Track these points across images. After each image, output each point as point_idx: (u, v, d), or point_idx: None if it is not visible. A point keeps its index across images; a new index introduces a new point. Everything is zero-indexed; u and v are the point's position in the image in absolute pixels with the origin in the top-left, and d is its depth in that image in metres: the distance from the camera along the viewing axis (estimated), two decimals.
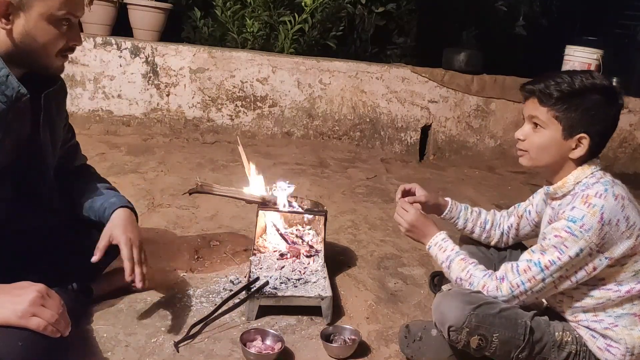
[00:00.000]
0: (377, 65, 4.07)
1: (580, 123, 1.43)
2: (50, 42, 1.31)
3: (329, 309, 1.77)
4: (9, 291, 1.17)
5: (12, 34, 1.26)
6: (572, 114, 1.43)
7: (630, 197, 1.44)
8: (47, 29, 1.29)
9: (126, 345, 1.55)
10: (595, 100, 1.42)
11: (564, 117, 1.43)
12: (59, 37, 1.32)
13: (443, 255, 1.62)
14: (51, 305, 1.18)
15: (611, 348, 1.46)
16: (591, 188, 1.42)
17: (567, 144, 1.45)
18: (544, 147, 1.48)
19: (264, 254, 2.02)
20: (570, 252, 1.38)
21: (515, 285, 1.46)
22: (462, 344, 1.45)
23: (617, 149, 4.29)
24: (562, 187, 1.49)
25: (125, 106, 3.76)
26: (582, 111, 1.42)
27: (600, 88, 1.43)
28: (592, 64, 4.23)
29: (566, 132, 1.44)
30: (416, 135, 4.14)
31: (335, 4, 4.17)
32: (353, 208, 2.89)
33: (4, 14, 1.24)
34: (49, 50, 1.33)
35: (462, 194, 3.41)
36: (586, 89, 1.42)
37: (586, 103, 1.42)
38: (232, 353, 1.58)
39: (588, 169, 1.46)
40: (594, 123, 1.43)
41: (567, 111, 1.43)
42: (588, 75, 1.45)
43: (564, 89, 1.43)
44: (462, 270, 1.56)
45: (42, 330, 1.14)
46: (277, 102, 3.93)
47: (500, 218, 1.85)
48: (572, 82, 1.43)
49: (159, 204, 2.60)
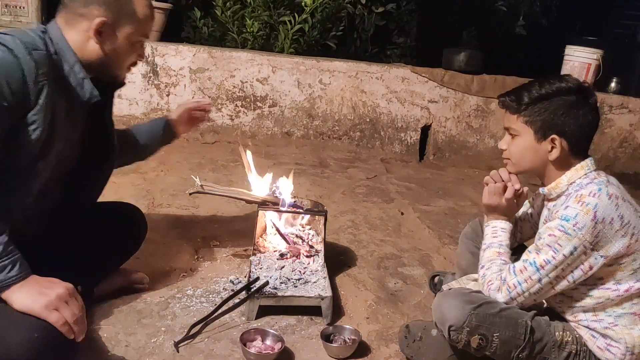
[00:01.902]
0: (377, 65, 4.07)
1: (550, 125, 1.46)
2: (128, 57, 1.50)
3: (329, 309, 1.77)
4: (41, 282, 1.24)
5: (99, 48, 1.42)
6: (541, 117, 1.46)
7: (625, 196, 1.44)
8: (128, 48, 1.47)
9: (126, 345, 1.55)
10: (563, 101, 1.45)
11: (533, 122, 1.47)
12: (133, 54, 1.51)
13: (489, 240, 1.63)
14: (74, 305, 1.23)
15: (611, 347, 1.46)
16: (585, 188, 1.43)
17: (543, 147, 1.48)
18: (521, 153, 1.53)
19: (264, 254, 2.02)
20: (564, 251, 1.39)
21: (512, 286, 1.47)
22: (462, 344, 1.46)
23: (617, 149, 4.29)
24: (556, 188, 1.50)
25: (125, 106, 3.76)
26: (550, 113, 1.45)
27: (568, 89, 1.46)
28: (592, 64, 4.24)
29: (538, 135, 1.48)
30: (416, 135, 4.14)
31: (335, 4, 4.17)
32: (353, 208, 2.89)
33: (98, 31, 1.39)
34: (124, 64, 1.51)
35: (462, 193, 3.42)
36: (552, 92, 1.46)
37: (553, 105, 1.45)
38: (232, 353, 1.58)
39: (581, 169, 1.47)
40: (565, 123, 1.45)
41: (536, 115, 1.47)
42: (557, 79, 1.49)
43: (530, 95, 1.48)
44: (488, 260, 1.57)
45: (59, 326, 1.19)
46: (277, 102, 3.93)
47: None
48: (538, 88, 1.48)
49: (159, 204, 2.60)
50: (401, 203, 3.08)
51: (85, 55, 1.41)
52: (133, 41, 1.47)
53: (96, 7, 1.38)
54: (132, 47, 1.48)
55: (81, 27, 1.39)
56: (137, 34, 1.47)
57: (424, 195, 3.28)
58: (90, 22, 1.38)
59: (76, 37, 1.40)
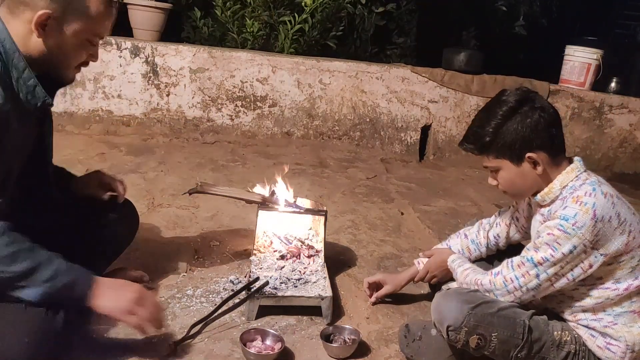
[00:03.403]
0: (377, 65, 4.07)
1: (518, 148, 1.45)
2: (75, 56, 1.37)
3: (329, 309, 1.77)
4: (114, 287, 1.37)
5: (42, 43, 1.29)
6: (506, 146, 1.46)
7: (617, 194, 1.46)
8: (76, 46, 1.34)
9: (126, 345, 1.55)
10: (516, 121, 1.45)
11: (502, 154, 1.48)
12: (83, 53, 1.38)
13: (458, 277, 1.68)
14: (149, 304, 1.39)
15: (611, 346, 1.46)
16: (579, 189, 1.43)
17: (526, 168, 1.47)
18: (511, 183, 1.52)
19: (264, 254, 2.02)
20: (564, 250, 1.39)
21: (509, 280, 1.47)
22: (461, 344, 1.46)
23: (617, 149, 4.29)
24: (549, 194, 1.49)
25: (125, 106, 3.76)
26: (512, 137, 1.45)
27: (512, 108, 1.45)
28: (592, 64, 4.24)
29: (515, 161, 1.47)
30: (416, 135, 4.14)
31: (335, 4, 4.17)
32: (353, 208, 2.90)
33: (41, 25, 1.26)
34: (71, 63, 1.38)
35: (462, 193, 3.42)
36: (501, 119, 1.45)
37: (510, 129, 1.45)
38: (232, 353, 1.58)
39: (572, 172, 1.47)
40: (531, 138, 1.44)
41: (500, 147, 1.47)
42: (497, 104, 1.48)
43: (484, 133, 1.48)
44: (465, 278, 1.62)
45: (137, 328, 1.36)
46: (277, 102, 3.93)
47: (479, 233, 1.84)
48: (488, 123, 1.47)
49: (159, 204, 2.60)
50: (401, 203, 3.09)
51: (28, 49, 1.28)
52: (82, 39, 1.34)
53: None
54: (81, 45, 1.35)
55: (24, 17, 1.26)
56: (88, 32, 1.34)
57: (424, 195, 3.28)
58: (34, 12, 1.25)
59: (19, 28, 1.27)
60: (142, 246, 2.08)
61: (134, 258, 2.02)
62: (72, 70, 1.40)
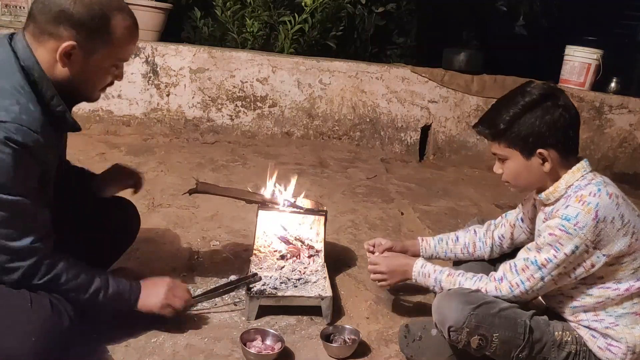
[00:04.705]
0: (377, 65, 4.07)
1: (532, 142, 1.44)
2: (101, 81, 1.39)
3: (329, 309, 1.77)
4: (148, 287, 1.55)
5: (68, 71, 1.30)
6: (520, 137, 1.45)
7: (623, 196, 1.45)
8: (102, 72, 1.36)
9: (126, 345, 1.55)
10: (535, 115, 1.43)
11: (514, 144, 1.46)
12: (109, 77, 1.40)
13: (430, 281, 1.63)
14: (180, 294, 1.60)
15: (612, 347, 1.46)
16: (584, 189, 1.43)
17: (534, 163, 1.46)
18: (516, 174, 1.51)
19: (264, 254, 2.02)
20: (566, 250, 1.39)
21: (515, 285, 1.47)
22: (462, 344, 1.46)
23: (617, 149, 4.28)
24: (554, 192, 1.49)
25: (125, 106, 3.76)
26: (528, 130, 1.44)
27: (534, 101, 1.44)
28: (592, 64, 4.24)
29: (525, 154, 1.46)
30: (416, 135, 4.14)
31: (335, 4, 4.17)
32: (353, 208, 2.89)
33: (66, 55, 1.27)
34: (97, 87, 1.40)
35: (462, 194, 3.42)
36: (521, 110, 1.44)
37: (528, 121, 1.43)
38: (232, 353, 1.58)
39: (578, 172, 1.47)
40: (546, 135, 1.43)
41: (514, 137, 1.45)
42: (520, 94, 1.46)
43: (501, 120, 1.46)
44: (453, 285, 1.57)
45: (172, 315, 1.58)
46: (277, 102, 3.93)
47: (486, 233, 1.82)
48: (507, 110, 1.45)
49: (159, 204, 2.60)
50: (401, 203, 3.08)
51: (54, 76, 1.30)
52: (107, 66, 1.36)
53: (67, 27, 1.25)
54: (106, 71, 1.37)
55: (49, 46, 1.27)
56: (113, 58, 1.35)
57: (424, 195, 3.28)
58: (58, 43, 1.26)
59: (45, 56, 1.28)
60: (142, 246, 2.08)
61: (134, 259, 2.02)
62: (98, 92, 1.42)
